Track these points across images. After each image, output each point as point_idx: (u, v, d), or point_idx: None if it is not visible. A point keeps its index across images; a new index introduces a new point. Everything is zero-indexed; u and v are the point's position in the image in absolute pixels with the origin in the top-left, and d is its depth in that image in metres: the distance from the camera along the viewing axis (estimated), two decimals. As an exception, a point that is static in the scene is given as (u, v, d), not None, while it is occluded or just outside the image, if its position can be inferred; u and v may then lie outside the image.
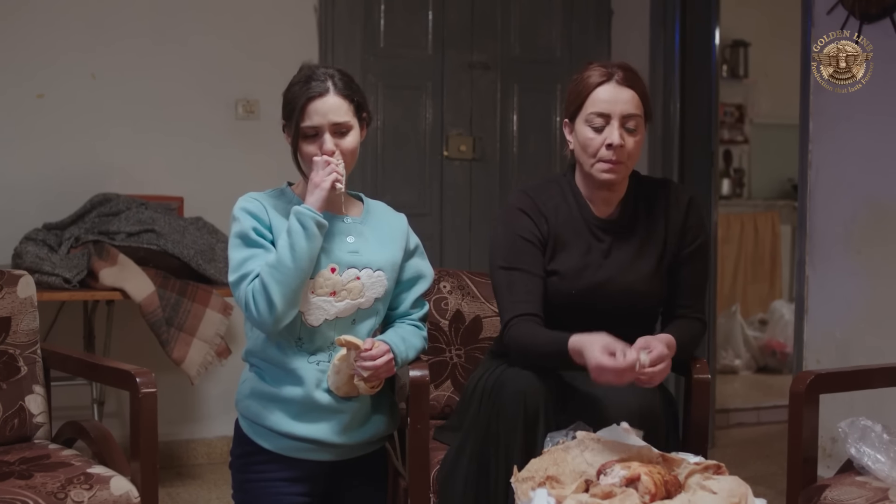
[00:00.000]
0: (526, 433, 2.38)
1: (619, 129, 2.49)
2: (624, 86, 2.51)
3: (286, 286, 2.37)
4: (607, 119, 2.49)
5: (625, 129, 2.51)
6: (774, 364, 6.82)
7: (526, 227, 2.60)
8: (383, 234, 2.59)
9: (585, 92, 2.53)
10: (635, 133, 2.52)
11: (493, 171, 5.11)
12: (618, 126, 2.49)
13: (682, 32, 5.07)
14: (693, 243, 2.65)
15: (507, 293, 2.56)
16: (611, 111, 2.49)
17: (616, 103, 2.50)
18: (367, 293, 2.51)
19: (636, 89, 2.53)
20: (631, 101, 2.51)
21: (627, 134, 2.51)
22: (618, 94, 2.51)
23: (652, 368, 2.34)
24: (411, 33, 4.95)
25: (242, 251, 2.45)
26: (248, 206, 2.50)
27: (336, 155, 2.46)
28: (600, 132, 2.50)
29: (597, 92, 2.52)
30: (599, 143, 2.50)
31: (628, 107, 2.50)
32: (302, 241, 2.38)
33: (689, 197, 2.66)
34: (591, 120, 2.51)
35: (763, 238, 7.66)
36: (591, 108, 2.51)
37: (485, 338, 3.05)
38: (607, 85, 2.52)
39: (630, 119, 2.51)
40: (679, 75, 5.07)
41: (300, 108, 2.44)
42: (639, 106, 2.53)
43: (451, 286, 3.07)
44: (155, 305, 3.82)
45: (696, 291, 2.69)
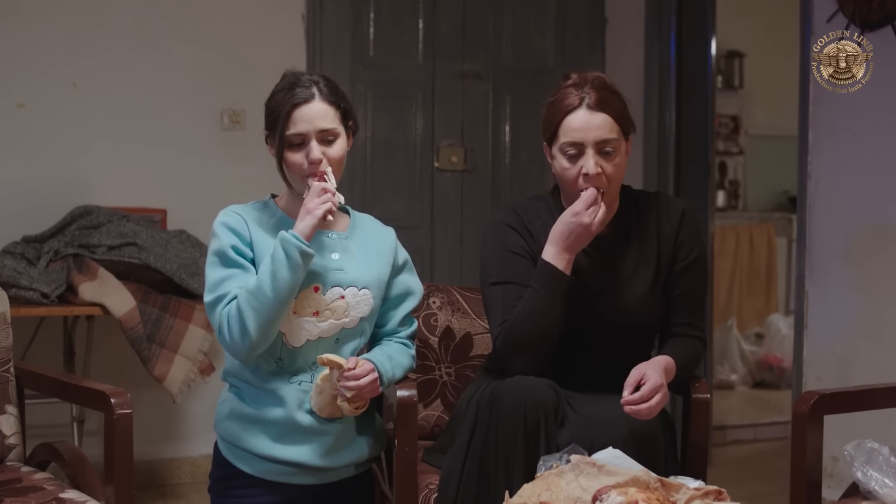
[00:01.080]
0: (527, 447, 2.33)
1: (594, 158, 2.42)
2: (596, 110, 2.44)
3: (263, 315, 2.30)
4: (581, 148, 2.43)
5: (601, 154, 2.44)
6: (771, 379, 6.80)
7: (515, 241, 2.56)
8: (370, 249, 2.52)
9: (556, 120, 2.46)
10: (613, 156, 2.45)
11: (485, 182, 5.08)
12: (593, 154, 2.42)
13: (677, 41, 5.06)
14: (688, 257, 2.58)
15: (499, 304, 2.51)
16: (583, 139, 2.43)
17: (588, 130, 2.43)
18: (351, 313, 2.45)
19: (609, 111, 2.45)
20: (604, 125, 2.44)
21: (605, 159, 2.44)
22: (590, 121, 2.43)
23: (647, 403, 2.30)
24: (401, 42, 4.91)
25: (220, 270, 2.38)
26: (229, 220, 2.43)
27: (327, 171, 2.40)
28: (575, 161, 2.44)
29: (568, 120, 2.44)
30: (576, 173, 2.44)
31: (601, 132, 2.43)
32: (284, 271, 2.30)
33: (682, 209, 2.60)
34: (565, 149, 2.45)
35: (759, 251, 7.65)
36: (563, 138, 2.45)
37: (476, 355, 2.99)
38: (578, 111, 2.44)
39: (606, 144, 2.44)
40: (675, 85, 5.06)
41: (285, 116, 2.38)
42: (613, 129, 2.45)
43: (441, 302, 3.01)
44: (136, 321, 3.76)
45: (694, 308, 2.61)
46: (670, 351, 2.52)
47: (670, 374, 2.43)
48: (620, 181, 2.53)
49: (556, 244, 2.45)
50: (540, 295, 2.44)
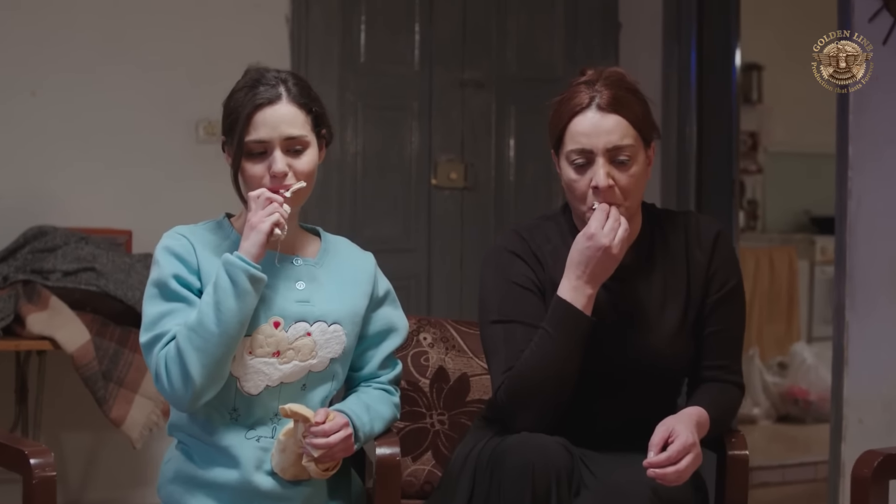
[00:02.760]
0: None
1: (605, 167, 2.22)
2: (608, 112, 2.22)
3: (207, 355, 2.12)
4: (590, 156, 2.22)
5: (614, 163, 2.23)
6: (797, 413, 6.56)
7: (520, 271, 2.34)
8: (343, 277, 2.33)
9: (562, 123, 2.26)
10: (629, 165, 2.23)
11: (488, 201, 4.95)
12: (604, 163, 2.21)
13: (698, 48, 4.89)
14: (722, 288, 2.35)
15: (502, 348, 2.30)
16: (592, 146, 2.22)
17: (598, 135, 2.22)
18: (320, 353, 2.25)
19: (624, 112, 2.24)
20: (616, 129, 2.22)
21: (618, 168, 2.23)
22: (600, 124, 2.22)
23: (675, 466, 2.10)
24: (395, 47, 4.79)
25: (159, 305, 2.20)
26: (172, 245, 2.24)
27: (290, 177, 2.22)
28: (584, 172, 2.24)
29: (574, 123, 2.24)
30: (585, 185, 2.24)
31: (613, 137, 2.22)
32: (230, 299, 2.11)
33: (715, 231, 2.38)
34: (572, 158, 2.24)
35: (779, 274, 7.47)
36: (570, 144, 2.24)
37: (473, 400, 2.80)
38: (587, 113, 2.23)
39: (619, 151, 2.22)
40: (696, 96, 4.90)
41: (245, 119, 2.19)
42: (628, 133, 2.23)
43: (433, 338, 2.82)
44: (90, 357, 3.57)
45: (729, 348, 2.39)
46: (702, 400, 2.30)
47: (703, 430, 2.22)
48: (640, 196, 2.31)
49: (574, 276, 2.24)
50: (553, 339, 2.23)
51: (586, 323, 2.22)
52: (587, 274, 2.22)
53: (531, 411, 2.23)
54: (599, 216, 2.20)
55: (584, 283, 2.22)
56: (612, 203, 2.22)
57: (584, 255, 2.21)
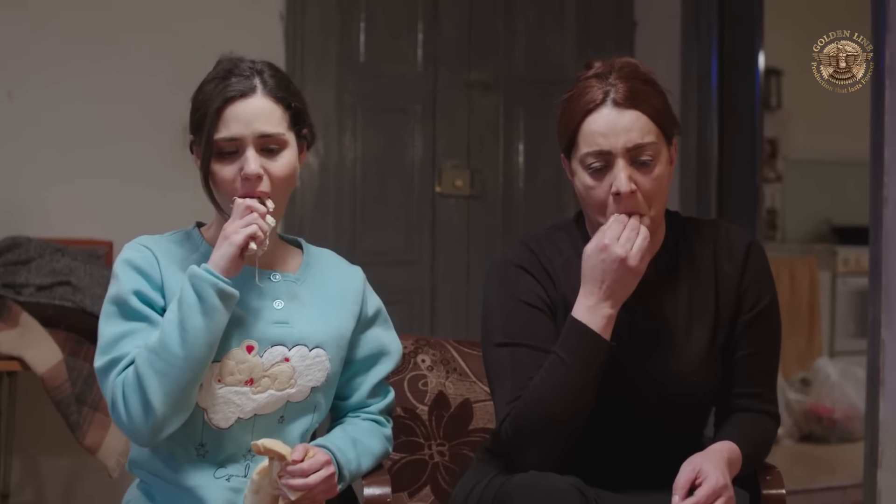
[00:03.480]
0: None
1: (626, 170, 2.10)
2: (626, 107, 2.11)
3: (170, 381, 1.98)
4: (608, 158, 2.10)
5: (636, 164, 2.11)
6: (820, 432, 6.46)
7: (529, 288, 2.23)
8: (328, 295, 2.21)
9: (574, 123, 2.14)
10: (652, 166, 2.12)
11: (495, 210, 4.89)
12: (624, 165, 2.10)
13: (720, 48, 4.86)
14: (756, 306, 2.23)
15: (507, 374, 2.18)
16: (611, 147, 2.10)
17: (616, 135, 2.10)
18: (299, 381, 2.13)
19: (644, 107, 2.12)
20: (635, 125, 2.11)
21: (640, 171, 2.12)
22: (617, 121, 2.10)
23: None
24: (397, 46, 4.72)
25: (117, 324, 2.06)
26: (133, 258, 2.11)
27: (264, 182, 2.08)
28: (602, 177, 2.12)
29: (588, 122, 2.11)
30: (604, 192, 2.13)
31: (634, 135, 2.10)
32: (196, 317, 1.99)
33: (747, 242, 2.27)
34: (588, 162, 2.12)
35: (800, 287, 7.40)
36: (584, 147, 2.12)
37: (476, 429, 2.71)
38: (602, 109, 2.11)
39: (641, 151, 2.11)
40: (717, 99, 4.85)
41: (214, 114, 2.06)
42: (649, 130, 2.12)
43: (433, 360, 2.72)
44: (61, 379, 3.44)
45: (763, 373, 2.28)
46: (733, 433, 2.19)
47: (735, 468, 2.11)
48: (664, 201, 2.18)
49: (590, 294, 2.12)
50: (566, 366, 2.10)
51: (604, 348, 2.09)
52: (604, 291, 2.09)
53: (540, 447, 2.11)
54: (615, 227, 2.10)
55: (602, 302, 2.10)
56: (635, 212, 2.11)
57: (599, 268, 2.09)
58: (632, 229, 2.08)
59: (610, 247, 2.06)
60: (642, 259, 2.08)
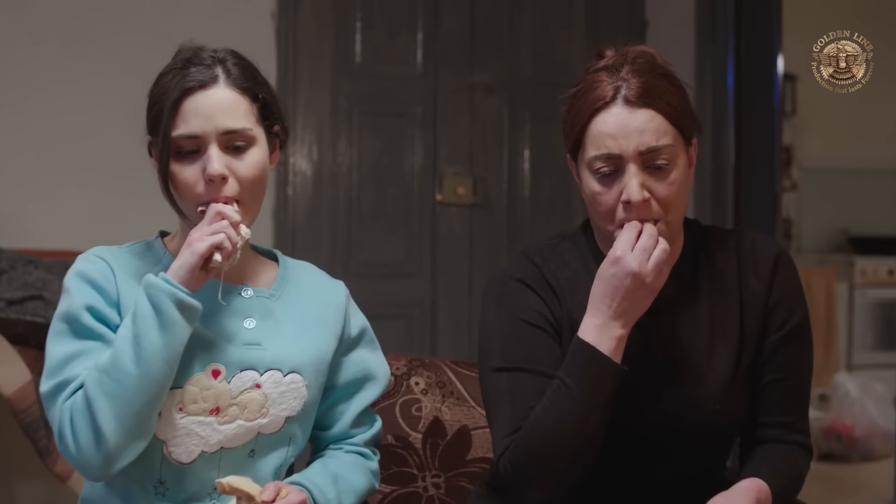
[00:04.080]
0: None
1: (638, 176, 1.97)
2: (638, 105, 1.97)
3: (124, 404, 1.84)
4: (618, 163, 1.98)
5: (650, 169, 1.99)
6: (840, 450, 6.32)
7: (530, 306, 2.10)
8: (306, 313, 2.09)
9: (580, 122, 2.01)
10: (668, 171, 1.99)
11: (500, 219, 4.84)
12: (636, 171, 1.97)
13: (736, 50, 4.75)
14: (785, 324, 2.11)
15: (506, 403, 2.06)
16: (621, 150, 1.97)
17: (627, 136, 1.97)
18: (272, 410, 2.00)
19: (659, 105, 1.99)
20: (650, 127, 1.97)
21: (655, 176, 1.99)
22: (629, 122, 1.97)
23: None
24: (396, 47, 4.68)
25: (67, 343, 1.92)
26: (87, 270, 1.98)
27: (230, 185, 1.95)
28: (611, 183, 2.00)
29: (596, 123, 1.98)
30: (613, 200, 2.00)
31: (647, 138, 1.97)
32: (152, 331, 1.84)
33: (774, 253, 2.15)
34: (595, 166, 1.99)
35: (816, 298, 7.28)
36: (592, 149, 1.99)
37: (475, 459, 2.59)
38: (612, 108, 1.98)
39: (656, 154, 1.98)
40: (733, 103, 4.73)
41: (171, 108, 1.93)
42: (665, 131, 1.99)
43: (427, 383, 2.61)
44: (30, 401, 3.34)
45: (793, 400, 2.14)
46: (761, 469, 2.06)
47: None
48: (683, 208, 2.05)
49: (599, 312, 1.98)
50: (572, 394, 1.97)
51: (615, 373, 1.95)
52: (615, 309, 1.95)
53: (543, 485, 1.99)
54: (628, 235, 1.97)
55: (613, 321, 1.96)
56: (648, 220, 1.98)
57: (611, 283, 1.95)
58: (649, 237, 1.95)
59: (622, 258, 1.93)
60: (660, 273, 1.94)
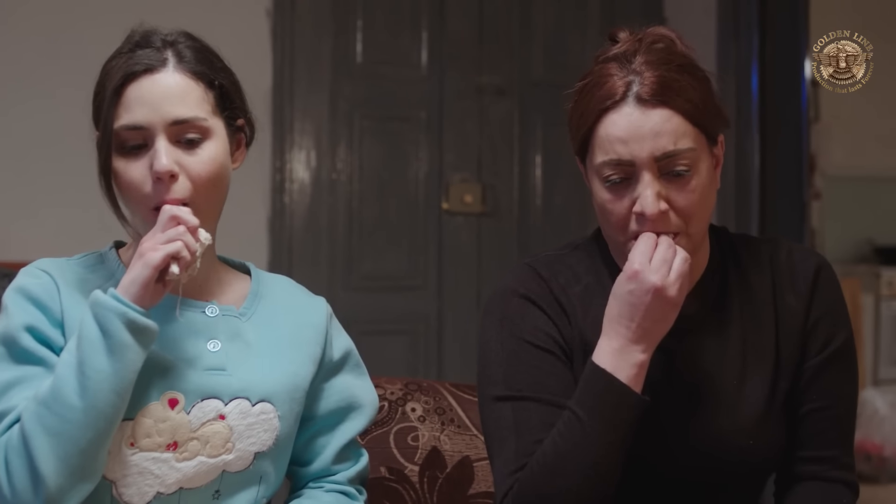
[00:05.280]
0: None
1: (653, 186, 1.79)
2: (653, 105, 1.79)
3: (67, 442, 1.67)
4: (629, 171, 1.81)
5: (668, 176, 1.81)
6: (869, 471, 6.19)
7: (537, 325, 1.93)
8: (280, 335, 1.91)
9: (587, 123, 1.84)
10: (688, 177, 1.81)
11: (509, 229, 4.75)
12: (651, 179, 1.79)
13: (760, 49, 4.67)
14: (827, 346, 1.93)
15: (510, 437, 1.89)
16: (633, 156, 1.79)
17: (640, 140, 1.79)
18: (238, 444, 1.82)
19: (677, 103, 1.80)
20: (665, 128, 1.79)
21: (674, 185, 1.81)
22: (642, 123, 1.79)
23: None
24: (399, 47, 4.60)
25: (3, 370, 1.76)
26: (28, 286, 1.80)
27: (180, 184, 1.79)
28: (623, 191, 1.83)
29: (605, 124, 1.81)
30: (624, 210, 1.84)
31: (663, 142, 1.79)
32: (100, 357, 1.67)
33: (814, 266, 1.97)
34: (604, 173, 1.82)
35: None
36: (601, 154, 1.82)
37: (478, 494, 2.43)
38: (622, 108, 1.80)
39: (673, 160, 1.80)
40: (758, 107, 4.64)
41: (112, 95, 1.76)
42: (684, 132, 1.80)
43: (425, 409, 2.46)
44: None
45: (837, 432, 1.98)
46: None
47: None
48: (708, 214, 1.86)
49: (617, 334, 1.82)
50: (585, 427, 1.81)
51: (635, 404, 1.78)
52: (635, 330, 1.78)
53: None
54: (644, 246, 1.80)
55: (633, 344, 1.79)
56: (665, 232, 1.81)
57: (629, 302, 1.78)
58: (668, 247, 1.77)
59: (641, 272, 1.75)
60: (682, 287, 1.76)
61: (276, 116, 4.20)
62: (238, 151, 1.86)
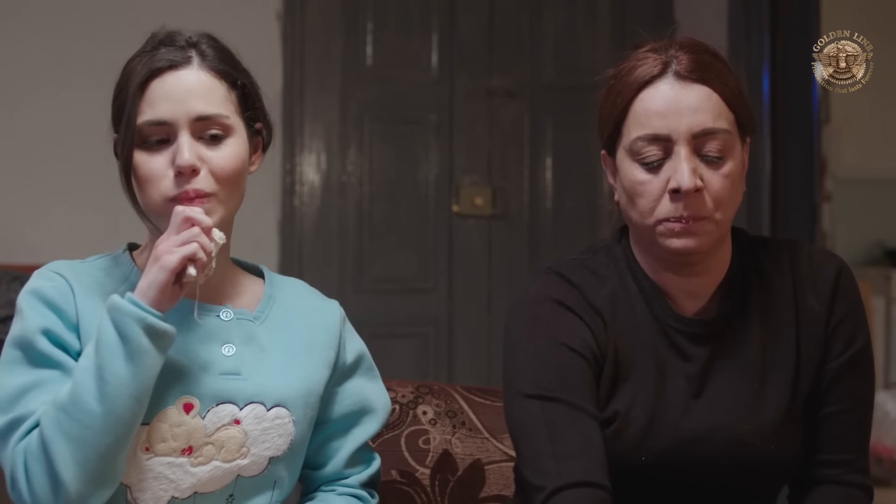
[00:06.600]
0: None
1: (689, 160, 1.77)
2: (692, 80, 1.79)
3: (86, 448, 1.67)
4: (667, 145, 1.79)
5: (702, 157, 1.79)
6: (881, 475, 6.21)
7: (572, 329, 1.91)
8: (295, 339, 1.91)
9: (622, 102, 1.83)
10: (722, 162, 1.79)
11: (520, 232, 4.73)
12: (687, 154, 1.77)
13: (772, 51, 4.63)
14: (847, 349, 1.93)
15: (545, 442, 1.85)
16: (670, 130, 1.78)
17: (678, 115, 1.79)
18: (254, 449, 1.83)
19: (715, 83, 1.79)
20: (705, 104, 1.79)
21: (708, 165, 1.79)
22: (681, 97, 1.79)
23: None
24: (409, 50, 4.59)
25: (21, 374, 1.75)
26: (43, 288, 1.79)
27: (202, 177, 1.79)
28: (657, 170, 1.81)
29: (642, 99, 1.81)
30: (658, 189, 1.81)
31: (701, 118, 1.78)
32: (118, 362, 1.67)
33: (835, 269, 1.95)
34: (639, 150, 1.81)
35: None
36: (636, 130, 1.82)
37: (489, 497, 2.42)
38: (660, 84, 1.80)
39: (710, 138, 1.78)
40: (769, 110, 4.60)
41: (136, 91, 1.76)
42: (720, 113, 1.79)
43: (436, 412, 2.45)
44: None
45: (853, 435, 1.97)
46: None
47: None
48: (734, 209, 1.85)
49: None
50: None
51: None
52: None
53: None
54: None
55: None
56: (697, 216, 1.77)
57: None
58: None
59: None
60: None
61: (287, 119, 4.21)
62: (255, 155, 1.86)
